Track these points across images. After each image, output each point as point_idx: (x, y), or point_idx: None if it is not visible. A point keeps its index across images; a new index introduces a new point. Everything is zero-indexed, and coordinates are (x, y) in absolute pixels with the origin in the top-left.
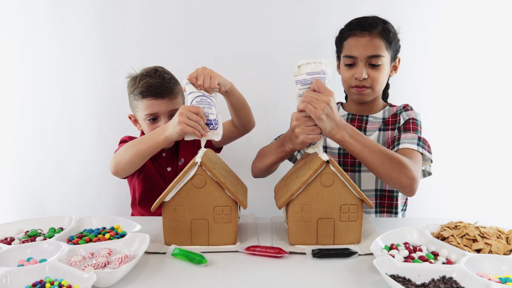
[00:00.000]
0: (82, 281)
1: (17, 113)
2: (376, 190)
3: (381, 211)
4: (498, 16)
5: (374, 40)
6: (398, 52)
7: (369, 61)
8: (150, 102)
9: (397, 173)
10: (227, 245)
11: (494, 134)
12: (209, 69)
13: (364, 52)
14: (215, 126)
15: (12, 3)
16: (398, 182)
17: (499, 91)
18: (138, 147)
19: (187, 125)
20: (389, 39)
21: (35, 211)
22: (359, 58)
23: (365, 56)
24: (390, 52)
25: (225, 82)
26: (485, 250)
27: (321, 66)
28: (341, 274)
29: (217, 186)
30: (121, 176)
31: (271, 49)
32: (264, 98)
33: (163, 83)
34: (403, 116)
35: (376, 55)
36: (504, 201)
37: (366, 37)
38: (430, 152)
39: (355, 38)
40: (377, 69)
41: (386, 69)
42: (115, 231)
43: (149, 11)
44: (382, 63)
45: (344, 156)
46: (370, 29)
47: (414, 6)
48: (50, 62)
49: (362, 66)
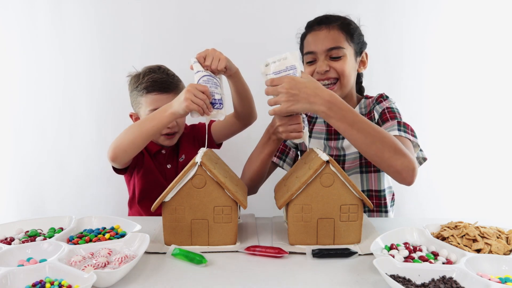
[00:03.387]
0: (82, 281)
1: (17, 113)
2: (363, 190)
3: (370, 210)
4: (498, 16)
5: (332, 32)
6: (364, 47)
7: (330, 54)
8: (156, 97)
9: (390, 154)
10: (227, 245)
11: (494, 134)
12: (218, 51)
13: (322, 45)
14: (220, 106)
15: (11, 2)
16: (392, 165)
17: (499, 92)
18: (142, 126)
19: (193, 102)
20: (350, 31)
21: (35, 211)
22: (318, 52)
23: (323, 49)
24: (352, 45)
25: (231, 66)
26: (485, 250)
27: (286, 62)
28: (341, 274)
29: (217, 186)
30: (120, 162)
31: (273, 48)
32: (264, 98)
33: (168, 78)
34: (377, 110)
35: (336, 47)
36: (504, 201)
37: (323, 30)
38: (415, 136)
39: (313, 33)
40: (339, 61)
41: (350, 62)
42: (115, 231)
43: (149, 11)
44: (344, 55)
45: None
46: (328, 23)
47: (415, 6)
48: (50, 63)
49: (322, 59)
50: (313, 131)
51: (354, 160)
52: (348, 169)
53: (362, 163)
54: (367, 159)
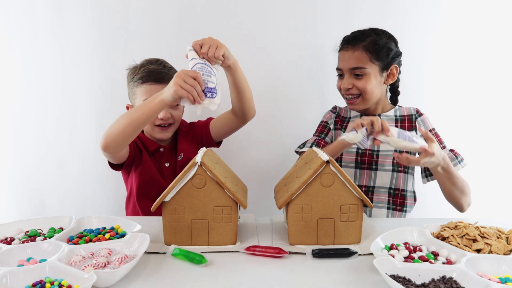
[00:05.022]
0: (82, 281)
1: (16, 112)
2: (390, 188)
3: (394, 209)
4: (498, 17)
5: (356, 53)
6: (393, 61)
7: (353, 72)
8: (150, 87)
9: (461, 195)
10: (227, 245)
11: (494, 135)
12: (216, 39)
13: (347, 64)
14: (212, 95)
15: (11, 2)
16: (459, 203)
17: (498, 92)
18: (132, 114)
19: (182, 88)
20: (375, 51)
21: (35, 211)
22: (344, 70)
23: (348, 68)
24: (377, 63)
25: (229, 56)
26: (485, 250)
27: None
28: (341, 274)
29: (217, 186)
30: (111, 152)
31: (272, 47)
32: (265, 99)
33: (164, 70)
34: (420, 124)
35: (358, 67)
36: (504, 201)
37: (349, 50)
38: (459, 157)
39: (342, 52)
40: (361, 79)
41: (372, 79)
42: (115, 231)
43: (148, 9)
44: (366, 74)
45: (362, 155)
46: (354, 43)
47: (415, 6)
48: (49, 61)
49: (347, 77)
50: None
51: (386, 156)
52: (382, 164)
53: (394, 162)
54: (444, 195)
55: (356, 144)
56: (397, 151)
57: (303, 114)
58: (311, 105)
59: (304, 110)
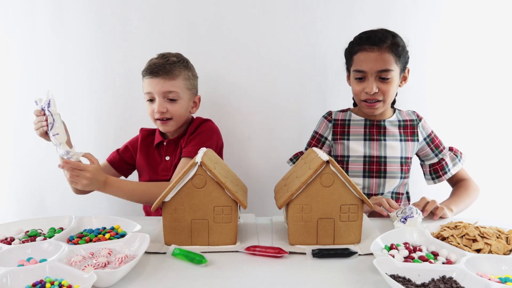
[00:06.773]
0: (82, 281)
1: (16, 112)
2: (392, 192)
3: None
4: (498, 17)
5: (383, 55)
6: (407, 64)
7: (379, 75)
8: (148, 80)
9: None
10: (227, 245)
11: (493, 135)
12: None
13: (374, 67)
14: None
15: (11, 2)
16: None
17: (498, 92)
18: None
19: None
20: (398, 53)
21: (35, 211)
22: (369, 72)
23: (375, 70)
24: (399, 65)
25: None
26: (485, 250)
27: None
28: (341, 274)
29: (217, 186)
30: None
31: (273, 50)
32: (265, 99)
33: (164, 63)
34: (421, 130)
35: (386, 69)
36: (504, 201)
37: (375, 52)
38: (458, 155)
39: (365, 53)
40: (387, 82)
41: (395, 82)
42: (115, 231)
43: (149, 9)
44: (391, 77)
45: (369, 163)
46: (380, 44)
47: (415, 7)
48: (50, 61)
49: (372, 80)
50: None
51: (394, 164)
52: (390, 171)
53: (402, 169)
54: None
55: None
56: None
57: (303, 114)
58: (312, 105)
59: (305, 109)
